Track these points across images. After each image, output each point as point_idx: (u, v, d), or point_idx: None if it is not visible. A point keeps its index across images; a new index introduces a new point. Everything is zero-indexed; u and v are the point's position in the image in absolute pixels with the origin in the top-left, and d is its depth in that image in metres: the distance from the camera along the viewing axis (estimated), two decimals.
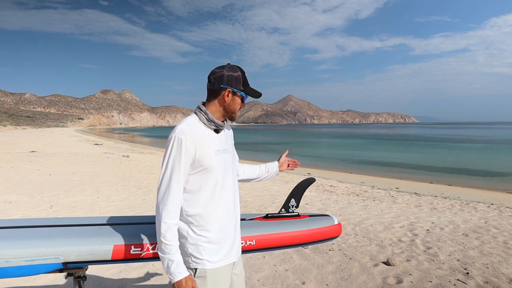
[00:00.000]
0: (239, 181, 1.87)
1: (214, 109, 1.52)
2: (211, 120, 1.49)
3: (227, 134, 1.63)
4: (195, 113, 1.52)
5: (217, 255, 1.49)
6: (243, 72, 1.52)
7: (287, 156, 2.03)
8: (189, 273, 1.42)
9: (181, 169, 1.42)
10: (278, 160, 2.01)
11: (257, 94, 1.55)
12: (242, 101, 1.54)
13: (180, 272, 1.39)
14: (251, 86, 1.56)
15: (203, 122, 1.49)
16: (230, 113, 1.54)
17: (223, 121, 1.55)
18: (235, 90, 1.50)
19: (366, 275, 3.28)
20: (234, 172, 1.63)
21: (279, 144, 41.22)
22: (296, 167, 2.04)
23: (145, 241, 1.65)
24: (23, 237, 1.58)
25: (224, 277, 1.51)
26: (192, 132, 1.44)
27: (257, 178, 1.94)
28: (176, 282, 1.39)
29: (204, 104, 1.54)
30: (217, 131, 1.53)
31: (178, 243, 1.43)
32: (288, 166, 2.03)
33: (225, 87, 1.48)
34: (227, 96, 1.50)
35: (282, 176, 12.86)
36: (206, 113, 1.50)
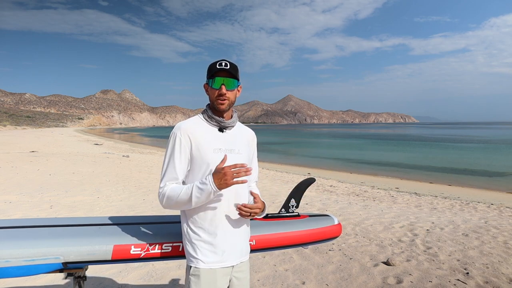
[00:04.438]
0: None
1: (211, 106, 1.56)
2: (211, 117, 1.53)
3: (238, 135, 1.58)
4: (202, 112, 1.58)
5: (212, 257, 1.46)
6: (215, 61, 1.50)
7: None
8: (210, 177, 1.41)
9: (175, 161, 1.46)
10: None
11: (216, 73, 1.47)
12: (213, 87, 1.49)
13: (205, 183, 1.38)
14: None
15: (206, 120, 1.54)
16: (212, 104, 1.53)
17: (228, 119, 1.54)
18: (207, 80, 1.53)
19: (366, 275, 3.28)
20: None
21: (279, 144, 41.21)
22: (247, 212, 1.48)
23: (145, 241, 1.65)
24: (23, 237, 1.58)
25: (220, 279, 1.47)
26: (189, 128, 1.48)
27: None
28: (216, 188, 1.38)
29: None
30: (221, 130, 1.53)
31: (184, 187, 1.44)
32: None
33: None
34: (206, 90, 1.55)
35: (282, 176, 12.85)
36: (207, 111, 1.55)
